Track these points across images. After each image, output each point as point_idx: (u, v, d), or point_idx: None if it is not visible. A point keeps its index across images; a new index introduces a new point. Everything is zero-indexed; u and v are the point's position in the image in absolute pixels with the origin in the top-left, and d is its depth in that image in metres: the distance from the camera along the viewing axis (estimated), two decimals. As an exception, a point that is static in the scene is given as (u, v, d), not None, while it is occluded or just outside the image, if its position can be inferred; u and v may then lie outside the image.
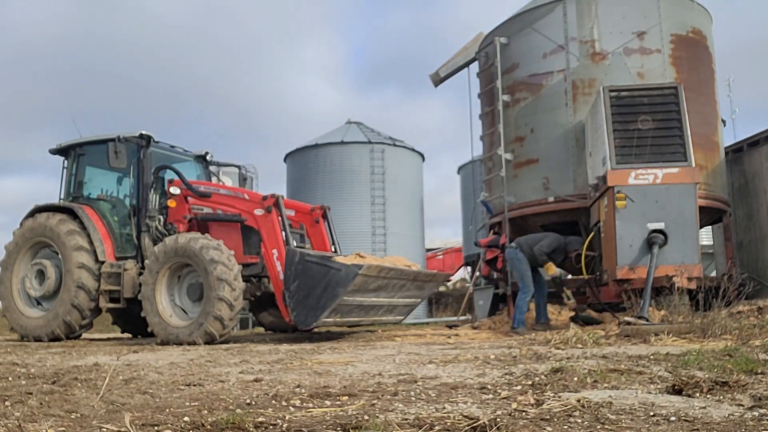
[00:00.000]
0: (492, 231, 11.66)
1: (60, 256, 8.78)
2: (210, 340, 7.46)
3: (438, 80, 13.32)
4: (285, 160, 18.03)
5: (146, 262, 8.05)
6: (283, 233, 7.82)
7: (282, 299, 7.46)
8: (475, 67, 12.28)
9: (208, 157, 10.12)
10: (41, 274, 8.98)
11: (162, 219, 8.74)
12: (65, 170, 9.52)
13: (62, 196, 9.48)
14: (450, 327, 10.40)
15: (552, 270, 8.95)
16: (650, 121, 8.57)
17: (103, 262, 8.65)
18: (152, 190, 8.84)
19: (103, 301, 8.61)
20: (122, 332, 10.54)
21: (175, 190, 8.57)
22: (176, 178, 8.58)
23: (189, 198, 8.65)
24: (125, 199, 9.23)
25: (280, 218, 7.93)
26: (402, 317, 9.28)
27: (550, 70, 10.34)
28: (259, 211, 8.07)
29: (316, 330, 9.34)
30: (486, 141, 11.75)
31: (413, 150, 17.64)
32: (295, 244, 7.84)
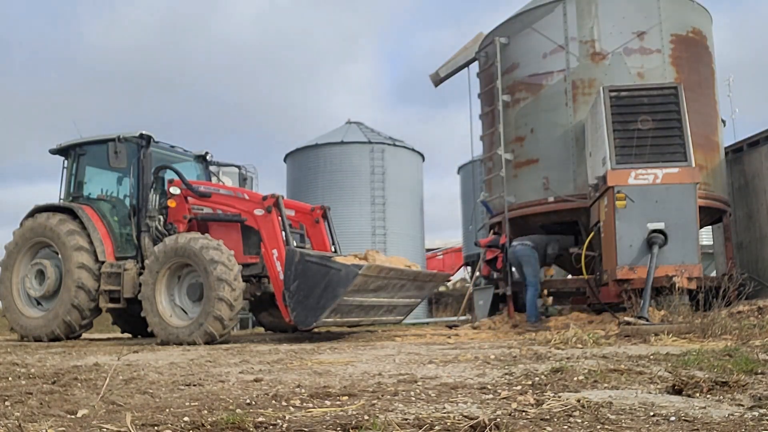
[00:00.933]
0: (492, 231, 11.65)
1: (60, 256, 8.78)
2: (210, 340, 7.46)
3: (438, 80, 13.33)
4: (285, 160, 18.03)
5: (146, 262, 8.04)
6: (283, 233, 7.82)
7: (282, 299, 7.45)
8: (475, 67, 12.28)
9: (208, 157, 10.12)
10: (41, 274, 8.98)
11: (162, 219, 8.74)
12: (65, 170, 9.51)
13: (62, 196, 9.48)
14: (450, 327, 10.40)
15: (551, 272, 9.80)
16: (650, 121, 8.58)
17: (103, 262, 8.65)
18: (152, 190, 8.83)
19: (103, 301, 8.60)
20: (122, 332, 10.53)
21: (175, 190, 8.57)
22: (176, 178, 8.58)
23: (189, 198, 8.65)
24: (125, 199, 9.23)
25: (280, 218, 7.93)
26: (402, 317, 9.27)
27: (550, 70, 10.34)
28: (259, 211, 8.07)
29: (316, 330, 9.34)
30: (486, 141, 11.75)
31: (413, 150, 17.64)
32: (295, 244, 7.84)
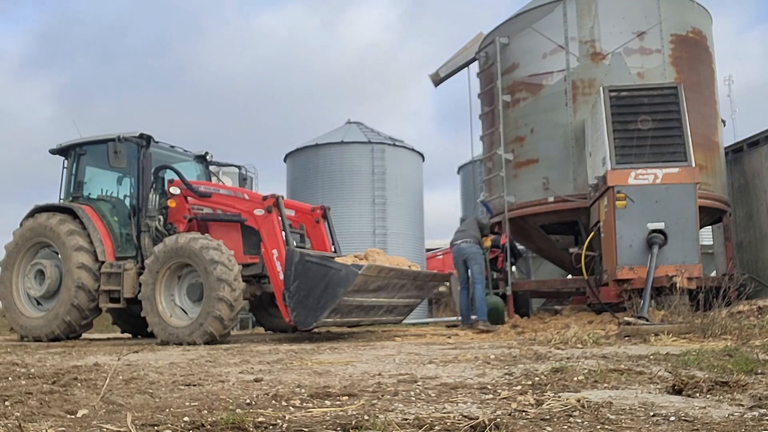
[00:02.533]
0: (492, 231, 11.65)
1: (60, 256, 8.78)
2: (210, 340, 7.46)
3: (438, 80, 13.34)
4: (285, 160, 18.01)
5: (146, 262, 8.04)
6: (283, 233, 7.82)
7: (282, 299, 7.45)
8: (475, 67, 12.29)
9: (208, 157, 10.11)
10: (41, 274, 8.98)
11: (162, 219, 8.74)
12: (65, 170, 9.51)
13: (62, 196, 9.48)
14: (450, 327, 10.40)
15: (488, 242, 10.03)
16: (650, 121, 8.58)
17: (103, 262, 8.65)
18: (152, 190, 8.83)
19: (102, 301, 8.60)
20: (122, 332, 10.53)
21: (175, 190, 8.57)
22: (176, 178, 8.58)
23: (189, 198, 8.65)
24: (125, 199, 9.22)
25: (280, 218, 7.93)
26: (402, 317, 9.27)
27: (550, 70, 10.35)
28: (259, 211, 8.07)
29: (316, 330, 9.34)
30: (486, 141, 11.76)
31: (413, 150, 17.63)
32: (295, 244, 7.84)
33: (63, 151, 9.55)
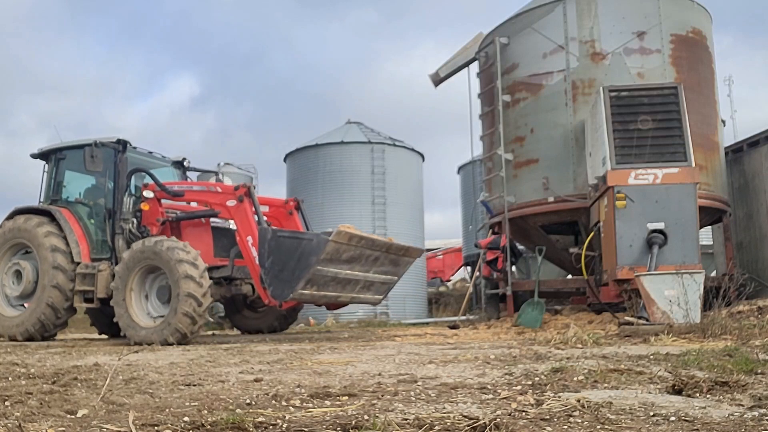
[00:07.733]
0: (492, 231, 11.65)
1: (37, 256, 8.84)
2: (182, 338, 7.47)
3: (438, 80, 13.34)
4: (285, 160, 18.01)
5: (116, 268, 8.12)
6: (256, 217, 7.88)
7: (260, 282, 7.50)
8: (475, 67, 12.29)
9: (185, 163, 10.17)
10: (19, 275, 9.04)
11: (136, 222, 8.80)
12: (45, 174, 9.59)
13: (42, 199, 9.56)
14: (451, 327, 10.39)
15: None
16: (650, 121, 8.58)
17: (78, 263, 8.70)
18: (127, 193, 8.91)
19: (77, 300, 8.67)
20: (99, 334, 10.55)
21: (148, 193, 8.65)
22: (151, 182, 8.66)
23: (163, 200, 8.73)
24: (102, 202, 9.29)
25: (252, 206, 7.98)
26: (381, 297, 9.01)
27: (550, 70, 10.34)
28: (231, 202, 8.11)
29: (316, 330, 9.33)
30: (486, 141, 11.76)
31: (413, 150, 17.63)
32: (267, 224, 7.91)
33: (44, 155, 9.65)
